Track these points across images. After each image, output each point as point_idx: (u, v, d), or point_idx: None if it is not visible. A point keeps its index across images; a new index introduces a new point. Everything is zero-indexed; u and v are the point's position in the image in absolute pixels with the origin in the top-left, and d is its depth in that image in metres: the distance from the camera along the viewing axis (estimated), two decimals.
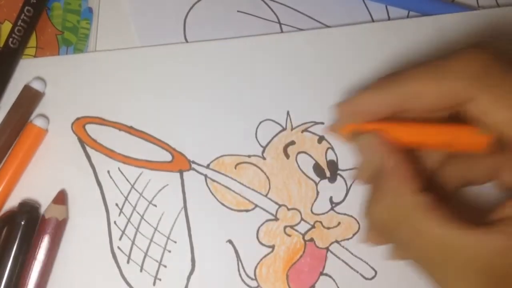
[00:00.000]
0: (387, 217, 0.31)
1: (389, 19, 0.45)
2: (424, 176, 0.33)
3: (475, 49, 0.30)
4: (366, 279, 0.40)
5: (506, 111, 0.28)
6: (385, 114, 0.33)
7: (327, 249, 0.40)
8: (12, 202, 0.39)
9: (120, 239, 0.39)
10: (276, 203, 0.40)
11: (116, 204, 0.40)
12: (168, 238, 0.39)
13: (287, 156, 0.41)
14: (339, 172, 0.41)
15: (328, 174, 0.41)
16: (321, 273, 0.40)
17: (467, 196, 0.39)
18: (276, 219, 0.40)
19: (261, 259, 0.40)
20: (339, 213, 0.40)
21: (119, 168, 0.40)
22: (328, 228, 0.40)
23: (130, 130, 0.41)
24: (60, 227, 0.38)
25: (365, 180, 0.34)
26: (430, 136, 0.32)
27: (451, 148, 0.31)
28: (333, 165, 0.41)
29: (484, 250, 0.28)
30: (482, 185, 0.36)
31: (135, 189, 0.40)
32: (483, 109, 0.29)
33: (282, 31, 0.44)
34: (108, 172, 0.40)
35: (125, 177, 0.40)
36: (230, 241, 0.40)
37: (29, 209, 0.38)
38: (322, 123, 0.42)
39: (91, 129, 0.41)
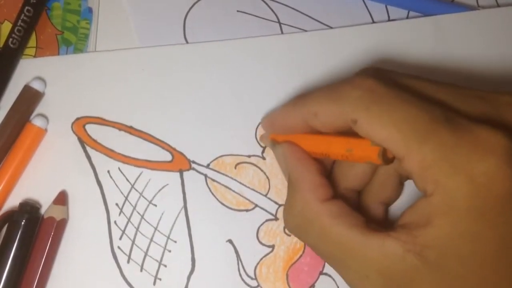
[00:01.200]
0: (298, 222, 0.34)
1: (389, 19, 0.45)
2: (340, 187, 0.37)
3: (362, 74, 0.34)
4: None
5: (384, 129, 0.30)
6: (298, 129, 0.35)
7: None
8: (12, 202, 0.39)
9: (120, 238, 0.39)
10: (276, 202, 0.40)
11: (116, 204, 0.40)
12: (168, 237, 0.40)
13: None
14: None
15: None
16: (321, 273, 0.40)
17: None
18: (276, 218, 0.40)
19: (261, 259, 0.40)
20: None
21: (119, 168, 0.40)
22: None
23: (130, 130, 0.41)
24: (60, 227, 0.38)
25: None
26: (330, 146, 0.34)
27: (351, 159, 0.33)
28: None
29: (382, 254, 0.30)
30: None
31: (135, 189, 0.40)
32: (365, 130, 0.31)
33: (282, 31, 0.44)
34: (108, 172, 0.40)
35: (125, 177, 0.40)
36: (230, 241, 0.40)
37: (29, 209, 0.38)
38: None
39: (91, 129, 0.41)
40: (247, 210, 0.40)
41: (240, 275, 0.39)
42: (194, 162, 0.41)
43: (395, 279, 0.30)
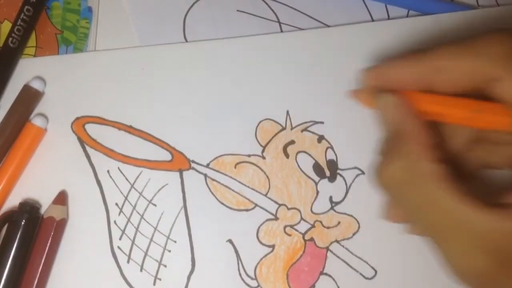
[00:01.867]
0: (399, 178, 0.31)
1: (389, 18, 0.45)
2: (444, 151, 0.33)
3: (504, 32, 0.30)
4: (366, 278, 0.40)
5: None
6: (412, 87, 0.33)
7: (327, 248, 0.40)
8: (12, 202, 0.39)
9: (120, 238, 0.39)
10: (276, 202, 0.40)
11: (116, 204, 0.40)
12: (168, 237, 0.39)
13: (287, 155, 0.41)
14: (338, 171, 0.41)
15: (327, 173, 0.41)
16: (321, 273, 0.40)
17: (486, 177, 0.38)
18: (276, 218, 0.40)
19: (261, 259, 0.40)
20: (339, 212, 0.40)
21: (118, 168, 0.40)
22: (328, 228, 0.40)
23: (130, 129, 0.41)
24: (60, 227, 0.38)
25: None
26: (454, 108, 0.31)
27: (475, 123, 0.31)
28: (332, 165, 0.41)
29: (496, 230, 0.28)
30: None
31: (135, 189, 0.40)
32: (508, 90, 0.29)
33: (282, 31, 0.44)
34: (108, 171, 0.40)
35: (125, 176, 0.40)
36: (230, 241, 0.40)
37: (29, 209, 0.38)
38: (322, 122, 0.42)
39: (91, 128, 0.41)
40: (247, 210, 0.40)
41: (240, 275, 0.39)
42: (193, 161, 0.41)
43: (506, 257, 0.28)
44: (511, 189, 0.30)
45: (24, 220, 0.37)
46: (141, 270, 0.39)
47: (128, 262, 0.39)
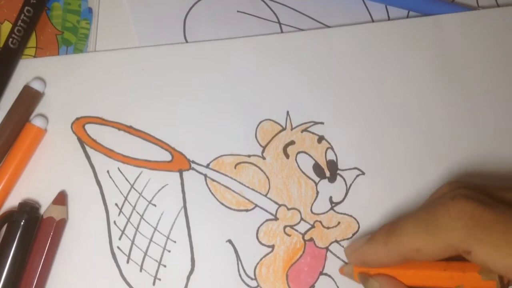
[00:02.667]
0: None
1: (389, 19, 0.45)
2: None
3: (460, 200, 0.32)
4: None
5: (505, 259, 0.29)
6: (394, 263, 0.34)
7: (327, 248, 0.40)
8: (12, 202, 0.39)
9: (119, 239, 0.39)
10: (276, 202, 0.40)
11: (116, 204, 0.40)
12: (167, 237, 0.39)
13: (287, 156, 0.41)
14: (338, 172, 0.41)
15: (327, 174, 0.41)
16: (321, 273, 0.39)
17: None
18: (276, 218, 0.40)
19: (261, 259, 0.39)
20: (338, 212, 0.40)
21: (118, 168, 0.40)
22: (328, 228, 0.40)
23: (130, 130, 0.41)
24: (59, 227, 0.38)
25: None
26: (436, 282, 0.33)
27: None
28: (332, 165, 0.41)
29: None
30: None
31: (135, 189, 0.40)
32: (482, 260, 0.30)
33: (282, 31, 0.44)
34: (108, 172, 0.40)
35: (125, 176, 0.40)
36: (230, 241, 0.40)
37: (29, 209, 0.38)
38: (322, 123, 0.42)
39: (91, 129, 0.41)
40: (247, 210, 0.40)
41: (240, 275, 0.39)
42: (193, 162, 0.41)
43: None
44: None
45: (23, 220, 0.37)
46: (140, 270, 0.39)
47: (127, 262, 0.39)
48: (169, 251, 0.39)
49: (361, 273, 0.36)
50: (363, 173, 0.41)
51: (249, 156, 0.41)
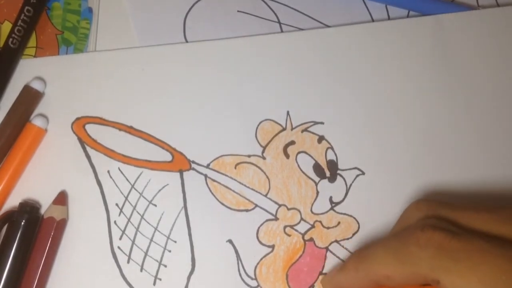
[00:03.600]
0: None
1: (389, 18, 0.45)
2: None
3: (429, 230, 0.32)
4: None
5: (470, 287, 0.30)
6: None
7: (327, 248, 0.40)
8: (12, 202, 0.39)
9: (120, 239, 0.39)
10: (276, 202, 0.40)
11: (116, 204, 0.40)
12: (168, 238, 0.39)
13: (287, 156, 0.41)
14: (339, 172, 0.41)
15: (328, 174, 0.41)
16: (321, 273, 0.39)
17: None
18: (276, 218, 0.40)
19: (261, 259, 0.39)
20: (339, 212, 0.40)
21: (119, 168, 0.40)
22: (328, 228, 0.40)
23: (130, 130, 0.41)
24: (60, 227, 0.38)
25: None
26: None
27: None
28: (333, 165, 0.41)
29: None
30: None
31: (135, 189, 0.40)
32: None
33: (282, 31, 0.44)
34: (108, 172, 0.40)
35: (125, 177, 0.40)
36: (230, 241, 0.40)
37: (29, 209, 0.38)
38: (322, 123, 0.42)
39: (91, 129, 0.41)
40: (247, 210, 0.40)
41: (240, 275, 0.39)
42: (194, 162, 0.41)
43: None
44: None
45: (24, 220, 0.37)
46: (141, 270, 0.39)
47: (128, 262, 0.39)
48: (170, 251, 0.39)
49: None
50: (363, 173, 0.41)
51: (249, 156, 0.41)
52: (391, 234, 0.37)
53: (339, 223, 0.40)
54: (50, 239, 0.38)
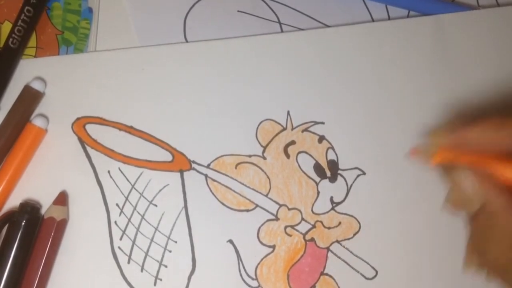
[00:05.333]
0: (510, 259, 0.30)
1: (389, 18, 0.45)
2: None
3: None
4: (367, 279, 0.40)
5: None
6: (494, 149, 0.32)
7: (328, 249, 0.40)
8: (13, 202, 0.39)
9: (120, 239, 0.39)
10: (276, 203, 0.40)
11: (117, 204, 0.40)
12: (168, 238, 0.39)
13: (288, 156, 0.41)
14: (339, 171, 0.41)
15: (328, 173, 0.41)
16: (322, 273, 0.39)
17: None
18: (277, 219, 0.40)
19: (261, 259, 0.39)
20: (339, 213, 0.40)
21: (119, 168, 0.40)
22: (329, 228, 0.40)
23: (131, 130, 0.41)
24: (60, 227, 0.38)
25: (456, 211, 0.34)
26: None
27: None
28: (333, 165, 0.41)
29: None
30: None
31: (136, 189, 0.40)
32: None
33: (282, 31, 0.44)
34: (109, 172, 0.40)
35: (126, 177, 0.40)
36: (230, 241, 0.40)
37: (29, 210, 0.38)
38: (322, 122, 0.42)
39: (91, 129, 0.41)
40: (247, 210, 0.40)
41: (241, 275, 0.39)
42: (194, 162, 0.41)
43: None
44: None
45: (24, 221, 0.37)
46: (141, 271, 0.39)
47: (128, 262, 0.39)
48: (170, 251, 0.39)
49: (446, 161, 0.33)
50: (364, 173, 0.41)
51: (249, 156, 0.41)
52: None
53: (340, 223, 0.40)
54: (51, 239, 0.38)
